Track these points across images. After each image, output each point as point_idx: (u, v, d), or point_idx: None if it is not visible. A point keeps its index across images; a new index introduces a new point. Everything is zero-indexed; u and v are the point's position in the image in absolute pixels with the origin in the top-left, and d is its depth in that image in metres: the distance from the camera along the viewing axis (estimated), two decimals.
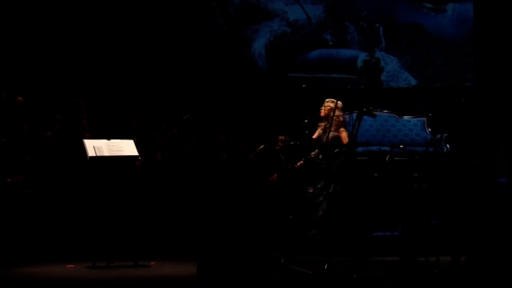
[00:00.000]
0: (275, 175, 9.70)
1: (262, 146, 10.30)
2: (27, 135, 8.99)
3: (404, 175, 8.37)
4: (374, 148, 9.94)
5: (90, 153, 7.91)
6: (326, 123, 8.75)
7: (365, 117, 7.51)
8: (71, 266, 8.03)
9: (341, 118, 8.80)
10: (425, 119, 10.92)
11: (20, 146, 8.85)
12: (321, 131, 8.88)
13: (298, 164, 8.92)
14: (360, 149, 8.81)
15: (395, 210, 8.60)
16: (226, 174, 10.31)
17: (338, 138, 8.77)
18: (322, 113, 8.85)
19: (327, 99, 8.87)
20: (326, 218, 8.49)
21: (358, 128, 7.22)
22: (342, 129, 8.81)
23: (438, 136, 9.27)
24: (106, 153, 8.00)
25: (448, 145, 10.24)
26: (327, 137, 8.55)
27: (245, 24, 12.16)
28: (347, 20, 12.11)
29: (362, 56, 12.01)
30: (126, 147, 8.16)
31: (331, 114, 8.44)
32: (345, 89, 11.32)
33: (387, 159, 8.68)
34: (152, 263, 8.24)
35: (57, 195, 8.79)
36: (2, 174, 8.67)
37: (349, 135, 8.26)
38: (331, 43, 12.11)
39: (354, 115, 7.50)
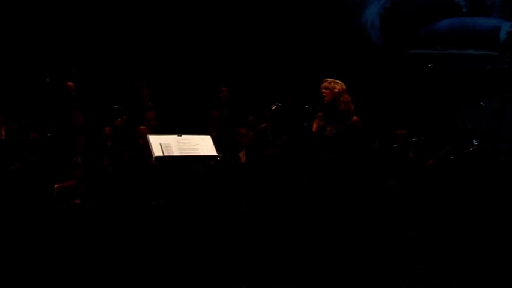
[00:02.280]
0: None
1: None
2: (82, 130, 9.10)
3: None
4: None
5: (157, 152, 7.72)
6: (327, 111, 8.42)
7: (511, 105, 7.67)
8: None
9: (351, 105, 8.39)
10: None
11: (71, 143, 8.91)
12: (322, 122, 8.48)
13: (429, 162, 8.91)
14: (503, 146, 8.68)
15: None
16: (329, 178, 9.90)
17: (353, 130, 8.39)
18: (327, 98, 8.38)
19: (328, 80, 8.45)
20: None
21: (502, 118, 7.41)
22: (355, 117, 8.40)
23: None
24: (176, 153, 7.82)
25: None
26: (337, 129, 8.29)
27: None
28: None
29: (506, 27, 12.01)
30: (202, 145, 8.00)
31: (340, 98, 8.27)
32: (484, 69, 11.52)
33: None
34: None
35: (115, 206, 8.79)
36: (48, 179, 8.66)
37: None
38: (465, 10, 12.21)
39: (496, 102, 7.80)
